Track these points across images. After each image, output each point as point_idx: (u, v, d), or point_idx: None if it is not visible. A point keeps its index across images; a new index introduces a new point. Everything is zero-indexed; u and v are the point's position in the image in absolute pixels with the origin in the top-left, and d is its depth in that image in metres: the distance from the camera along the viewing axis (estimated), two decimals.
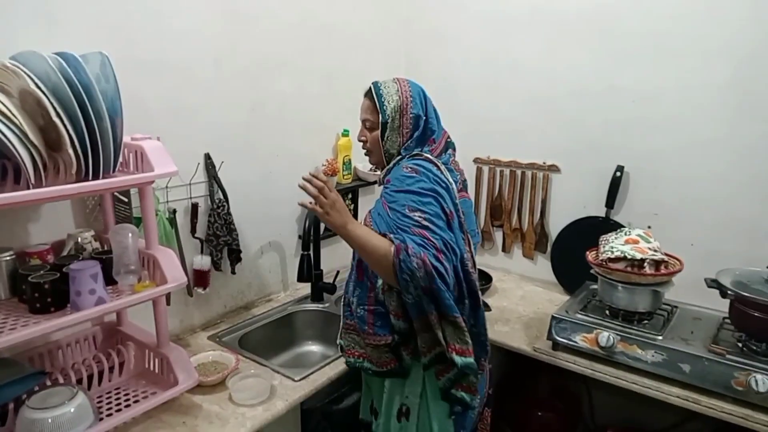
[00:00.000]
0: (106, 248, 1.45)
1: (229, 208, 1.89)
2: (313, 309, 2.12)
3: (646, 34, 1.97)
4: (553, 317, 1.75)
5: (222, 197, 1.87)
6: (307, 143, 2.21)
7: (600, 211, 2.17)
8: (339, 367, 1.66)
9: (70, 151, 1.16)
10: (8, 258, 1.30)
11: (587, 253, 1.81)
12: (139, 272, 1.37)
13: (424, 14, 2.51)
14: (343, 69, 2.29)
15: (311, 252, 2.02)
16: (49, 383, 1.33)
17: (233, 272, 1.98)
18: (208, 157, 1.83)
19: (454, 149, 1.53)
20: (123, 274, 1.34)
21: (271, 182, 2.08)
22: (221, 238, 1.87)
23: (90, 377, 1.42)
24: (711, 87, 1.87)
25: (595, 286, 1.87)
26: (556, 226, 2.32)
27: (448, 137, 1.52)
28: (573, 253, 2.05)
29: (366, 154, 1.53)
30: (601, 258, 1.74)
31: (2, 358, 1.32)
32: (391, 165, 1.45)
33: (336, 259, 2.33)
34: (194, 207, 1.81)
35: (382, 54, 2.48)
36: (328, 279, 2.16)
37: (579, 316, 1.76)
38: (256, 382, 1.53)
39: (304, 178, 1.31)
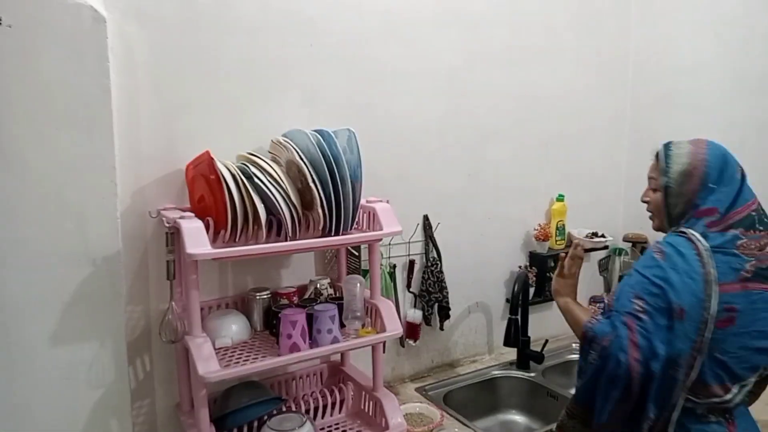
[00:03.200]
0: (338, 294, 1.64)
1: (441, 267, 1.99)
2: (519, 376, 2.07)
3: None
4: None
5: (436, 256, 1.99)
6: (519, 208, 2.23)
7: None
8: None
9: (320, 210, 1.38)
10: (265, 296, 1.57)
11: None
12: (363, 319, 1.52)
13: (656, 78, 2.38)
14: (561, 135, 2.29)
15: (519, 317, 2.00)
16: (284, 409, 1.54)
17: (441, 328, 2.05)
18: (426, 218, 1.98)
19: (757, 227, 1.21)
20: (350, 319, 1.50)
21: (482, 244, 2.14)
22: (433, 294, 1.97)
23: (316, 409, 1.59)
24: None
25: None
26: None
27: (754, 210, 1.23)
28: None
29: (650, 218, 1.39)
30: None
31: (252, 380, 1.57)
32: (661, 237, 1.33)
33: (545, 326, 2.26)
34: (411, 263, 1.96)
35: (604, 120, 2.43)
36: (535, 347, 2.10)
37: None
38: None
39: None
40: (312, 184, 1.36)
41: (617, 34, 2.41)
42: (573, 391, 1.97)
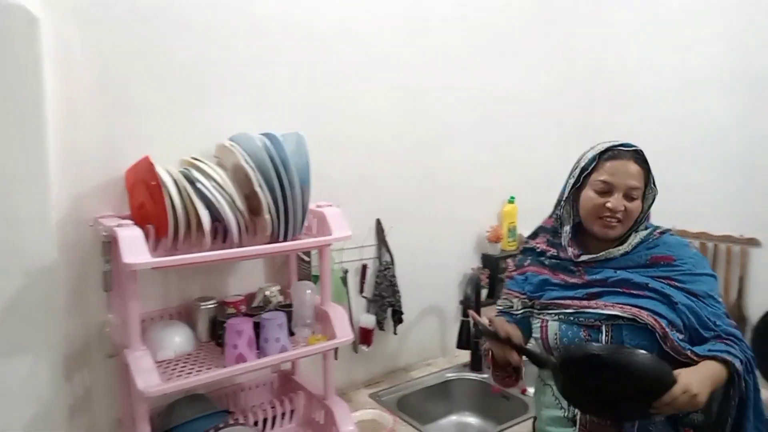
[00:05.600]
0: (288, 302, 1.61)
1: (394, 271, 1.98)
2: (472, 378, 2.08)
3: None
4: None
5: (389, 260, 1.98)
6: (472, 210, 2.25)
7: None
8: None
9: (267, 216, 1.35)
10: (211, 306, 1.52)
11: None
12: (314, 326, 1.50)
13: (607, 81, 2.44)
14: (514, 137, 2.32)
15: (471, 319, 2.00)
16: (231, 422, 1.49)
17: (395, 333, 2.05)
18: (378, 222, 1.97)
19: None
20: (300, 327, 1.47)
21: (435, 247, 2.14)
22: (386, 298, 1.96)
23: (265, 420, 1.55)
24: None
25: None
26: (757, 308, 2.01)
27: None
28: None
29: (609, 227, 1.26)
30: None
31: (197, 393, 1.52)
32: (637, 240, 1.29)
33: None
34: (364, 268, 1.95)
35: (557, 122, 2.47)
36: None
37: None
38: None
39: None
40: (258, 189, 1.33)
41: (566, 37, 2.46)
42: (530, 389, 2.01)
